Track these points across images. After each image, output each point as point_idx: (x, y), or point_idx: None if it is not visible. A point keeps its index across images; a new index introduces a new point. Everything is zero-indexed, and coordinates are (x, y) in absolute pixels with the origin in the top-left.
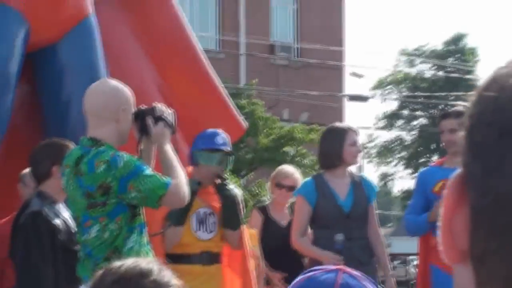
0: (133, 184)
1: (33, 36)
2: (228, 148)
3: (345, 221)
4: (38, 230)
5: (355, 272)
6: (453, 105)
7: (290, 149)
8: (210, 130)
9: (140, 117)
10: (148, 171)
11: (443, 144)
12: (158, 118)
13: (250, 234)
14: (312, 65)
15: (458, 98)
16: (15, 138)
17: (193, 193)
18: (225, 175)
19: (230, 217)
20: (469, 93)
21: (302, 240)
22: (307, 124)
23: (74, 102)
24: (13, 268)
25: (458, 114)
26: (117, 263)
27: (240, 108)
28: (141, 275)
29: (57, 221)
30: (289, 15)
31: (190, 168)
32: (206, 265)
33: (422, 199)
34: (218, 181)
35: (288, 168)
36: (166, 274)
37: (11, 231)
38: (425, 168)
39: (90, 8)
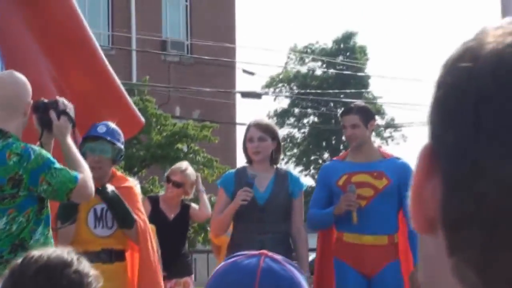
0: (44, 177)
1: None
2: (109, 138)
3: (260, 214)
4: None
5: (278, 257)
6: (343, 103)
7: (183, 146)
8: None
9: (41, 110)
10: (58, 164)
11: (345, 138)
12: (61, 112)
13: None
14: (204, 61)
15: (348, 96)
16: None
17: None
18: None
19: (118, 218)
20: (360, 90)
21: (214, 219)
22: (199, 121)
23: None
24: None
25: (359, 110)
26: (35, 252)
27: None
28: (65, 264)
29: None
30: (181, 11)
31: None
32: (106, 263)
33: (326, 192)
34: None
35: (180, 164)
36: (86, 265)
37: None
38: (327, 162)
39: None
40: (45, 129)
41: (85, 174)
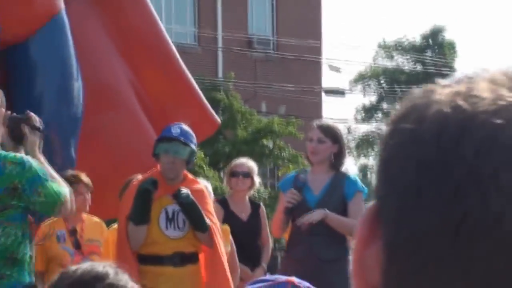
0: (38, 188)
1: (3, 34)
2: (183, 139)
3: None
4: None
5: (306, 284)
6: None
7: (268, 142)
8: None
9: (14, 124)
10: (49, 177)
11: None
12: (34, 127)
13: (223, 230)
14: (290, 58)
15: None
16: None
17: (147, 191)
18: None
19: (193, 221)
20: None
21: (272, 220)
22: (285, 117)
23: (45, 99)
24: None
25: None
26: (72, 267)
27: (218, 101)
28: (97, 278)
29: None
30: (267, 8)
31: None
32: (178, 267)
33: None
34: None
35: (240, 158)
36: (122, 278)
37: None
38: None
39: (61, 4)
40: (17, 142)
41: (69, 188)
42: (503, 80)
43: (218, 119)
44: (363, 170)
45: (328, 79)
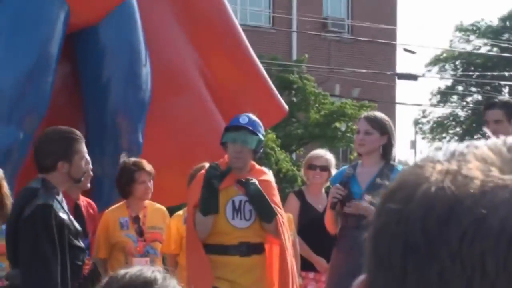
0: None
1: (73, 17)
2: (251, 127)
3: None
4: (48, 226)
5: None
6: (508, 83)
7: (340, 125)
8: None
9: None
10: None
11: (488, 134)
12: None
13: (287, 219)
14: (364, 41)
15: None
16: (58, 118)
17: (213, 177)
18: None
19: (260, 211)
20: None
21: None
22: (358, 100)
23: (114, 84)
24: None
25: (503, 105)
26: (121, 272)
27: (291, 83)
28: (145, 283)
29: (64, 215)
30: None
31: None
32: (244, 257)
33: None
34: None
35: (318, 150)
36: (171, 283)
37: (10, 221)
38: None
39: None
40: None
41: None
42: (494, 159)
43: (286, 106)
44: None
45: (402, 63)
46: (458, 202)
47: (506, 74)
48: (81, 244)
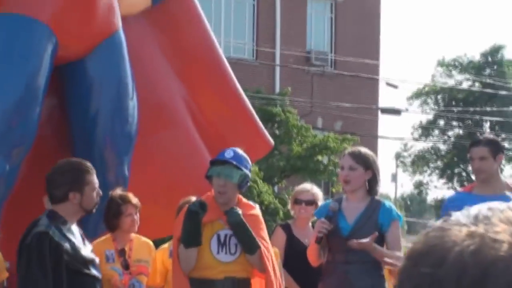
0: None
1: (61, 50)
2: (235, 162)
3: (344, 244)
4: (41, 250)
5: None
6: (488, 119)
7: (323, 158)
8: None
9: None
10: None
11: (472, 171)
12: None
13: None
14: (347, 75)
15: (494, 113)
16: (42, 150)
17: (194, 213)
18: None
19: (243, 242)
20: (504, 108)
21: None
22: (340, 133)
23: (101, 116)
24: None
25: (488, 142)
26: None
27: (274, 115)
28: None
29: (63, 242)
30: (326, 25)
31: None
32: None
33: None
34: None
35: (305, 184)
36: None
37: (17, 249)
38: (452, 194)
39: (118, 23)
40: None
41: None
42: None
43: (272, 141)
44: (418, 186)
45: (385, 97)
46: (491, 265)
47: (488, 109)
48: (94, 272)
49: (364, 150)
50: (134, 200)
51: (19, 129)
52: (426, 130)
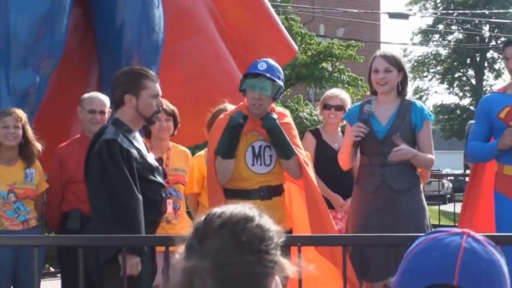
0: None
1: None
2: (269, 75)
3: (380, 147)
4: (113, 155)
5: (480, 237)
6: (488, 21)
7: (327, 65)
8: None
9: None
10: None
11: (508, 70)
12: None
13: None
14: None
15: (494, 14)
16: (69, 61)
17: (237, 126)
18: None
19: (278, 147)
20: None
21: (339, 152)
22: (344, 40)
23: (127, 26)
24: (84, 191)
25: None
26: (217, 209)
27: None
28: (247, 219)
29: (133, 150)
30: None
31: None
32: (265, 200)
33: (486, 125)
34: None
35: (333, 90)
36: (267, 220)
37: (85, 157)
38: (487, 94)
39: None
40: None
41: None
42: None
43: (296, 47)
44: (418, 92)
45: (385, 2)
46: None
47: (486, 12)
48: (159, 179)
49: (394, 52)
50: (165, 105)
51: (47, 40)
52: (426, 35)
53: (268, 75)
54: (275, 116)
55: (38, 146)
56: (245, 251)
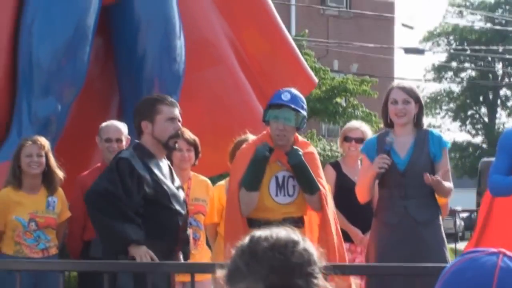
0: None
1: None
2: (293, 105)
3: (401, 179)
4: (121, 172)
5: None
6: (502, 58)
7: (341, 100)
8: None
9: None
10: None
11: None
12: None
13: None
14: (363, 15)
15: (507, 51)
16: (90, 90)
17: (263, 158)
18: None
19: (303, 183)
20: None
21: (357, 185)
22: (358, 75)
23: (149, 56)
24: None
25: None
26: (261, 232)
27: None
28: (293, 242)
29: (144, 173)
30: None
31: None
32: None
33: (509, 159)
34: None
35: (354, 122)
36: (310, 244)
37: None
38: (510, 127)
39: None
40: None
41: None
42: None
43: (316, 79)
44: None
45: (400, 37)
46: None
47: (500, 49)
48: (176, 207)
49: (410, 84)
50: (186, 135)
51: (70, 68)
52: (438, 72)
53: (292, 105)
54: (300, 152)
55: (60, 174)
56: (295, 274)
